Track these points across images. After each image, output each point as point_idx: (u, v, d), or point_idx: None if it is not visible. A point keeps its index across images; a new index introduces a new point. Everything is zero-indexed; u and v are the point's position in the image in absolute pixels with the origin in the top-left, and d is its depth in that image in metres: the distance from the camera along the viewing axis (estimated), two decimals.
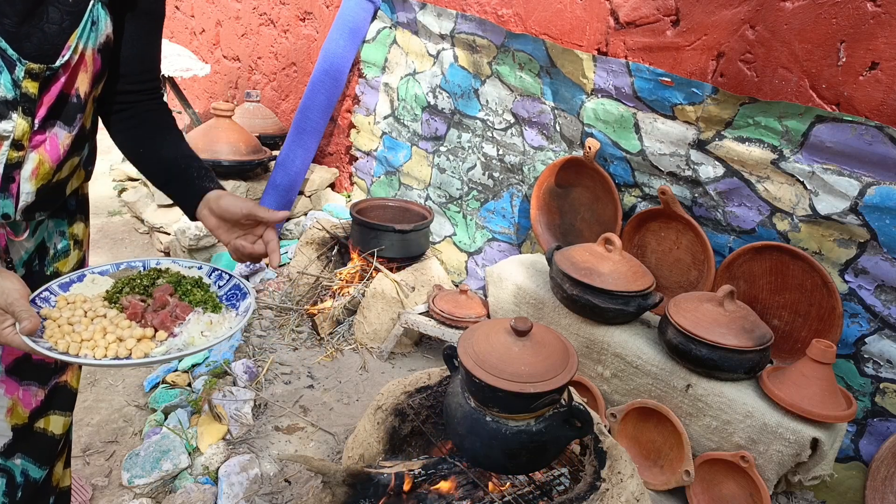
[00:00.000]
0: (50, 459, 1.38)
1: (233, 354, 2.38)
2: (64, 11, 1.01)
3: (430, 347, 2.74)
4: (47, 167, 1.10)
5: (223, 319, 1.10)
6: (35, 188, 1.10)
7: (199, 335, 1.05)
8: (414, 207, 3.02)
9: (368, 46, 3.36)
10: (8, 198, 1.07)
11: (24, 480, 1.34)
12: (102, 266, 1.17)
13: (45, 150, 1.09)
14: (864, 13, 1.75)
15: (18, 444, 1.30)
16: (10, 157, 1.04)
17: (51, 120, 1.08)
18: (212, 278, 1.20)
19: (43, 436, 1.33)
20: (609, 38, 2.33)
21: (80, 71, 1.08)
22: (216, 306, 1.13)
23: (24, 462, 1.32)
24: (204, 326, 1.07)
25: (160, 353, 1.00)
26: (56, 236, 1.27)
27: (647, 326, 2.18)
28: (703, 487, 1.93)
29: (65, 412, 1.36)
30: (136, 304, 1.06)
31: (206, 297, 1.13)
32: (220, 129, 3.36)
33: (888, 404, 1.90)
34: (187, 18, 4.84)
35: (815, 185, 1.91)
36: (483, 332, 1.44)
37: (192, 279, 1.17)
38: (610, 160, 2.41)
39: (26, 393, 1.27)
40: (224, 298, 1.16)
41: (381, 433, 1.64)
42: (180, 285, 1.14)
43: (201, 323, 1.07)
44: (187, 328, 1.06)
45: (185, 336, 1.05)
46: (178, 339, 1.04)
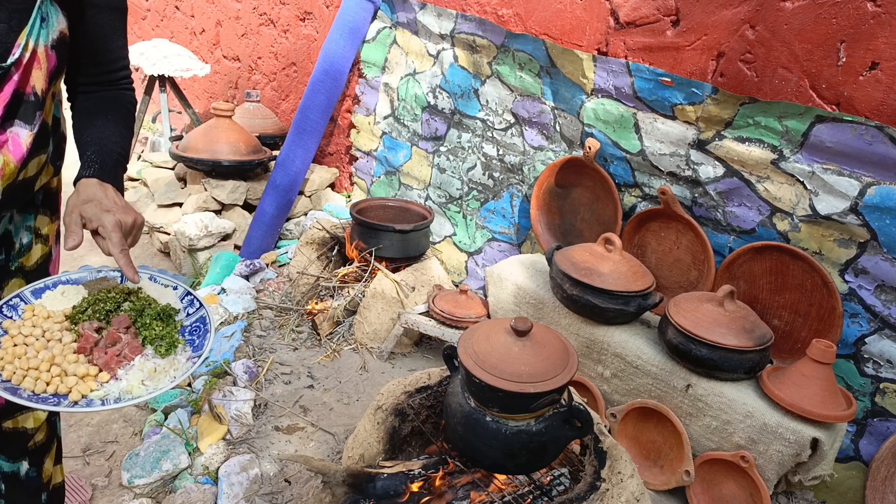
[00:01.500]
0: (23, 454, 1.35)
1: (233, 354, 2.38)
2: (10, 10, 0.99)
3: (430, 347, 2.74)
4: (12, 167, 1.09)
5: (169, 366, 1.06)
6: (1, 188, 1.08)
7: (138, 384, 1.03)
8: (414, 207, 3.02)
9: (368, 46, 3.36)
10: None
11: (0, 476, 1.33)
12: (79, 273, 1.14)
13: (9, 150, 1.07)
14: (864, 13, 1.75)
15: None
16: None
17: (9, 120, 1.06)
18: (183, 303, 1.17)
19: (14, 433, 1.32)
20: (609, 38, 2.33)
21: (33, 68, 1.06)
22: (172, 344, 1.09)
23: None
24: (146, 374, 1.04)
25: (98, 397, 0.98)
26: (23, 231, 1.25)
27: (647, 326, 2.18)
28: (703, 487, 1.93)
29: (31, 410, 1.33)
30: (89, 337, 1.04)
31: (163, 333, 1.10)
32: (220, 129, 3.36)
33: (888, 404, 1.90)
34: (187, 18, 4.84)
35: (815, 185, 1.91)
36: (483, 332, 1.44)
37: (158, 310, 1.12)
38: (610, 160, 2.41)
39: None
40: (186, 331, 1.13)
41: (381, 433, 1.64)
42: (142, 316, 1.11)
43: (145, 370, 1.05)
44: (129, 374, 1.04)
45: (125, 384, 1.02)
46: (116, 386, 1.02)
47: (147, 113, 4.45)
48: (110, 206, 1.07)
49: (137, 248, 3.55)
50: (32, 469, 1.38)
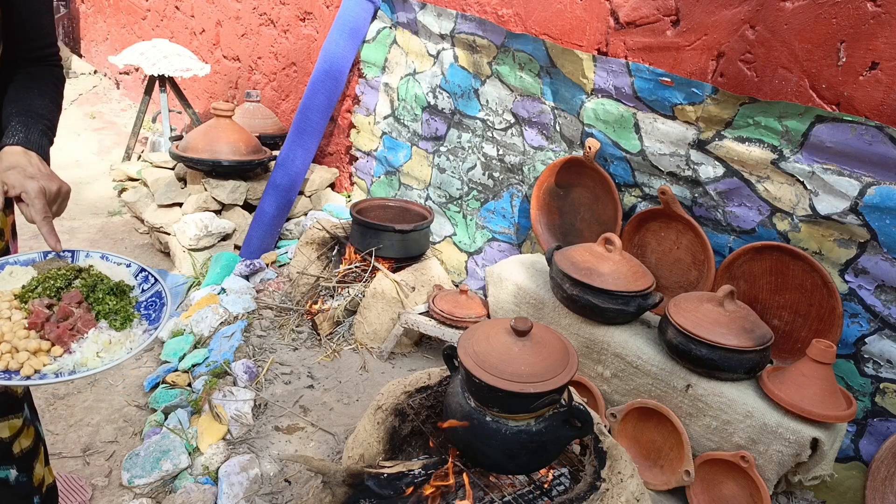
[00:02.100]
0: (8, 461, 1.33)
1: (233, 354, 2.38)
2: None
3: (430, 347, 2.74)
4: None
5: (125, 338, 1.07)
6: None
7: (93, 356, 1.02)
8: (414, 207, 3.02)
9: (368, 46, 3.36)
10: None
11: None
12: (31, 254, 1.14)
13: None
14: (864, 13, 1.75)
15: None
16: None
17: None
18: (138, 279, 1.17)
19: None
20: (609, 38, 2.33)
21: None
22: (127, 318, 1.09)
23: None
24: (101, 346, 1.04)
25: (51, 371, 0.98)
26: None
27: (647, 326, 2.18)
28: (703, 487, 1.93)
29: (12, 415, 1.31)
30: (40, 313, 1.03)
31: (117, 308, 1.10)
32: (220, 129, 3.36)
33: (888, 404, 1.90)
34: (187, 18, 4.84)
35: (815, 185, 1.91)
36: (483, 333, 1.44)
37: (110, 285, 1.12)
38: (610, 160, 2.42)
39: None
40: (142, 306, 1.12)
41: (381, 433, 1.64)
42: (94, 291, 1.10)
43: (99, 342, 1.04)
44: (83, 346, 1.03)
45: (79, 356, 1.02)
46: (71, 359, 1.02)
47: (147, 113, 4.45)
48: (34, 174, 1.05)
49: (137, 248, 3.55)
50: (22, 475, 1.37)
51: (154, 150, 4.42)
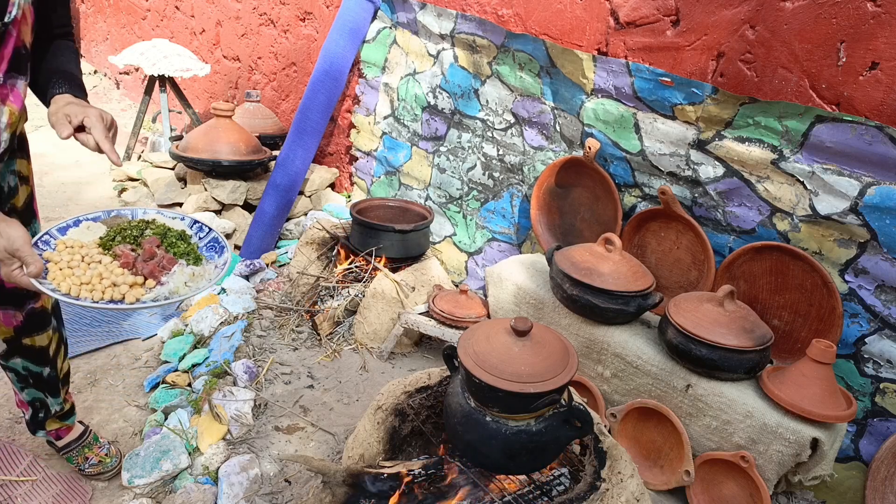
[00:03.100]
0: (45, 362, 1.71)
1: (233, 354, 2.38)
2: None
3: (430, 347, 2.74)
4: (16, 116, 1.28)
5: (203, 272, 1.25)
6: (10, 135, 1.29)
7: (182, 285, 1.20)
8: (414, 207, 3.02)
9: (368, 46, 3.36)
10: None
11: (28, 373, 1.70)
12: (95, 213, 1.32)
13: (11, 101, 1.25)
14: (864, 13, 1.75)
15: (13, 351, 1.64)
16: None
17: (11, 73, 1.24)
18: (193, 230, 1.35)
19: (32, 348, 1.66)
20: (609, 38, 2.33)
21: (23, 25, 1.23)
22: (197, 258, 1.27)
23: (23, 361, 1.67)
24: (187, 277, 1.22)
25: (150, 298, 1.16)
26: (8, 175, 1.41)
27: (647, 326, 2.18)
28: (703, 487, 1.93)
29: (45, 330, 1.67)
30: (128, 254, 1.21)
31: (188, 250, 1.28)
32: (221, 129, 3.36)
33: (888, 404, 1.90)
34: (187, 18, 4.84)
35: (815, 185, 1.91)
36: (483, 333, 1.44)
37: (177, 232, 1.31)
38: (610, 160, 2.42)
39: (6, 315, 1.56)
40: (204, 250, 1.31)
41: (381, 433, 1.64)
42: (166, 237, 1.28)
43: (185, 274, 1.22)
44: (173, 278, 1.21)
45: (171, 285, 1.20)
46: (165, 288, 1.19)
47: (147, 113, 4.45)
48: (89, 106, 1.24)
49: None
50: (52, 371, 1.77)
51: (154, 150, 4.42)
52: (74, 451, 1.93)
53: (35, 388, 1.76)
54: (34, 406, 1.82)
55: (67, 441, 1.94)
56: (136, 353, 2.60)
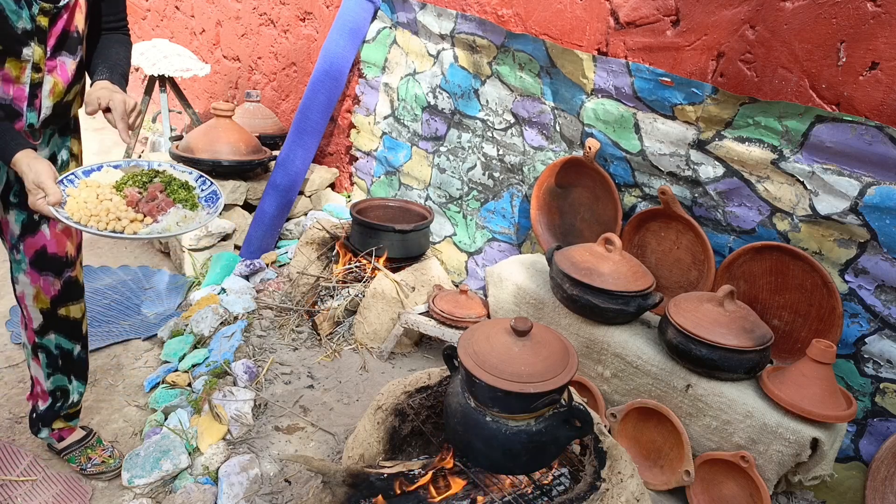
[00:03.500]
0: (78, 337, 1.88)
1: (233, 354, 2.38)
2: None
3: (430, 347, 2.74)
4: (60, 87, 1.51)
5: (195, 216, 1.47)
6: (52, 104, 1.51)
7: (174, 224, 1.43)
8: (414, 207, 3.02)
9: (368, 46, 3.36)
10: (33, 111, 1.49)
11: (59, 352, 1.84)
12: (118, 161, 1.54)
13: (58, 74, 1.49)
14: (864, 13, 1.75)
15: (49, 325, 1.79)
16: (33, 78, 1.45)
17: (59, 50, 1.46)
18: (197, 182, 1.56)
19: (67, 319, 1.82)
20: (609, 38, 2.33)
21: (76, 11, 1.46)
22: (194, 205, 1.49)
23: (57, 338, 1.82)
24: (180, 219, 1.44)
25: (144, 232, 1.39)
26: (63, 150, 1.68)
27: (647, 326, 2.18)
28: (703, 487, 1.93)
29: (79, 301, 1.84)
30: (134, 195, 1.43)
31: (187, 197, 1.49)
32: (220, 129, 3.35)
33: (888, 404, 1.90)
34: (187, 18, 4.84)
35: (815, 185, 1.91)
36: (483, 333, 1.44)
37: (181, 182, 1.52)
38: (610, 160, 2.42)
39: (46, 282, 1.74)
40: (203, 199, 1.52)
41: (381, 433, 1.64)
42: (170, 185, 1.50)
43: (178, 215, 1.45)
44: (167, 218, 1.43)
45: (164, 224, 1.42)
46: (159, 225, 1.42)
47: (147, 113, 4.45)
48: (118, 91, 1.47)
49: (138, 248, 3.55)
50: (82, 352, 1.91)
51: (154, 150, 4.41)
52: (77, 451, 1.98)
53: (62, 372, 1.87)
54: (54, 396, 1.90)
55: (69, 443, 1.99)
56: (136, 353, 2.60)
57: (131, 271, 3.23)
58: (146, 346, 2.65)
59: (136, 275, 3.19)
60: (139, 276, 3.18)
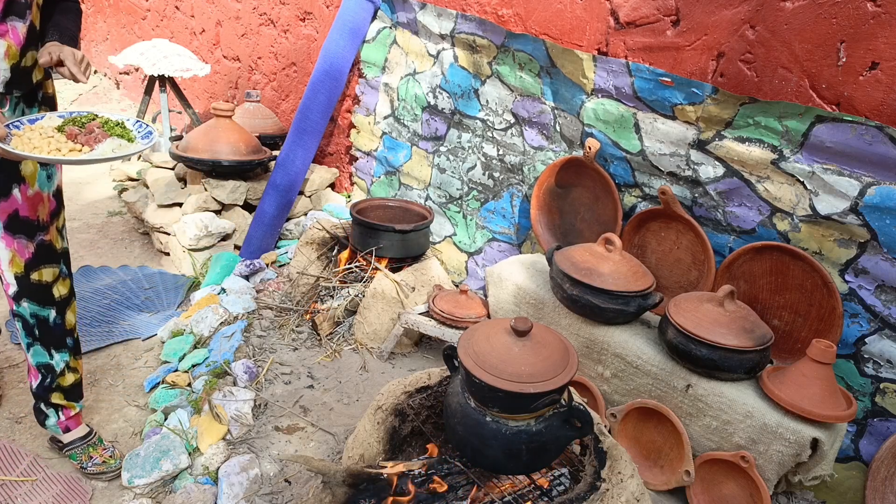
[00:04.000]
0: (50, 302, 1.89)
1: (233, 354, 2.38)
2: None
3: (430, 347, 2.74)
4: (14, 50, 1.61)
5: (130, 145, 1.65)
6: (9, 66, 1.61)
7: (110, 151, 1.60)
8: (414, 207, 3.02)
9: (368, 46, 3.36)
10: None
11: (35, 321, 1.88)
12: (61, 112, 1.71)
13: (10, 37, 1.59)
14: (864, 13, 1.75)
15: (22, 291, 1.83)
16: None
17: (7, 14, 1.56)
18: (134, 126, 1.74)
19: (39, 284, 1.85)
20: (609, 38, 2.33)
21: None
22: (130, 139, 1.67)
23: (29, 305, 1.85)
24: (115, 146, 1.63)
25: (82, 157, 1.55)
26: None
27: (647, 326, 2.18)
28: (703, 487, 1.93)
29: (52, 265, 1.87)
30: (74, 131, 1.62)
31: (123, 133, 1.68)
32: (220, 129, 3.35)
33: (888, 404, 1.90)
34: (187, 18, 4.84)
35: (815, 185, 1.91)
36: (483, 333, 1.44)
37: (116, 122, 1.71)
38: (610, 160, 2.42)
39: (20, 245, 1.79)
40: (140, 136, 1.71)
41: (382, 433, 1.64)
42: (107, 124, 1.69)
43: (113, 143, 1.63)
44: (102, 146, 1.61)
45: (99, 152, 1.59)
46: (95, 152, 1.59)
47: (147, 113, 4.45)
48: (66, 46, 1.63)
49: (137, 248, 3.55)
50: (58, 317, 1.92)
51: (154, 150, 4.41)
52: (79, 448, 2.00)
53: (41, 343, 1.90)
54: (41, 371, 1.94)
55: (73, 438, 2.01)
56: (136, 353, 2.60)
57: (131, 271, 3.23)
58: (146, 346, 2.65)
59: (136, 275, 3.19)
60: (139, 276, 3.18)
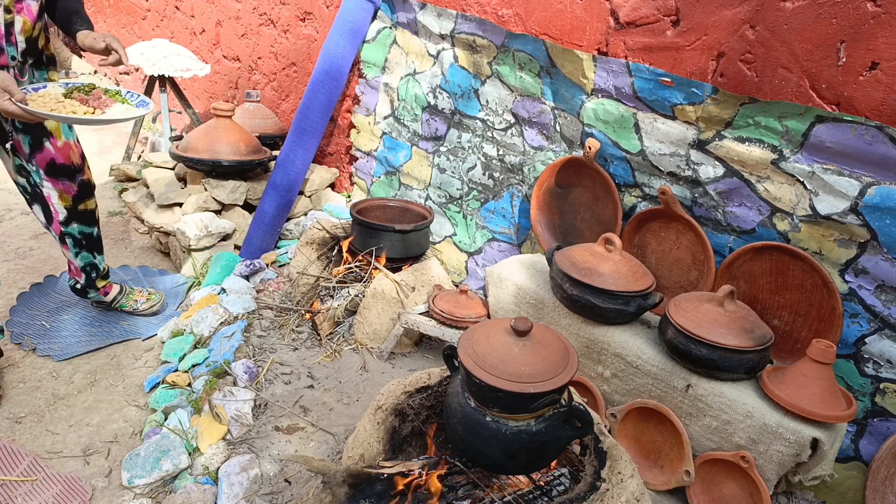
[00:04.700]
0: (95, 223, 2.47)
1: (233, 354, 2.38)
2: None
3: (430, 347, 2.74)
4: (28, 25, 1.93)
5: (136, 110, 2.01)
6: (24, 38, 1.93)
7: (120, 114, 1.94)
8: (414, 207, 3.02)
9: (368, 46, 3.36)
10: (11, 45, 1.91)
11: (82, 236, 2.42)
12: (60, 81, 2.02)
13: (25, 14, 1.90)
14: (864, 13, 1.75)
15: (71, 218, 2.36)
16: (6, 19, 1.87)
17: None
18: (126, 96, 2.07)
19: (85, 211, 2.39)
20: (609, 38, 2.33)
21: None
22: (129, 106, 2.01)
23: (79, 226, 2.39)
24: (122, 111, 1.97)
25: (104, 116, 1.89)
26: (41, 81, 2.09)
27: (647, 326, 2.18)
28: (703, 487, 1.93)
29: (92, 196, 2.41)
30: (82, 97, 1.93)
31: (122, 101, 2.02)
32: (221, 129, 3.35)
33: (888, 404, 1.90)
34: (187, 18, 4.84)
35: (815, 185, 1.91)
36: (483, 333, 1.44)
37: (116, 91, 2.04)
38: (610, 160, 2.42)
39: (64, 185, 2.27)
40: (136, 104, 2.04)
41: (382, 433, 1.64)
42: (107, 92, 2.01)
43: (122, 108, 1.99)
44: (113, 109, 1.96)
45: (111, 114, 1.93)
46: (111, 113, 1.93)
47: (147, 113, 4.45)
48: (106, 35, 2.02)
49: (137, 248, 3.55)
50: (98, 231, 2.50)
51: (154, 150, 4.41)
52: (122, 299, 2.69)
53: (87, 250, 2.45)
54: (86, 270, 2.51)
55: (113, 296, 2.66)
56: (136, 353, 2.60)
57: (131, 271, 3.22)
58: (146, 346, 2.65)
59: (136, 275, 3.19)
60: (139, 276, 3.18)
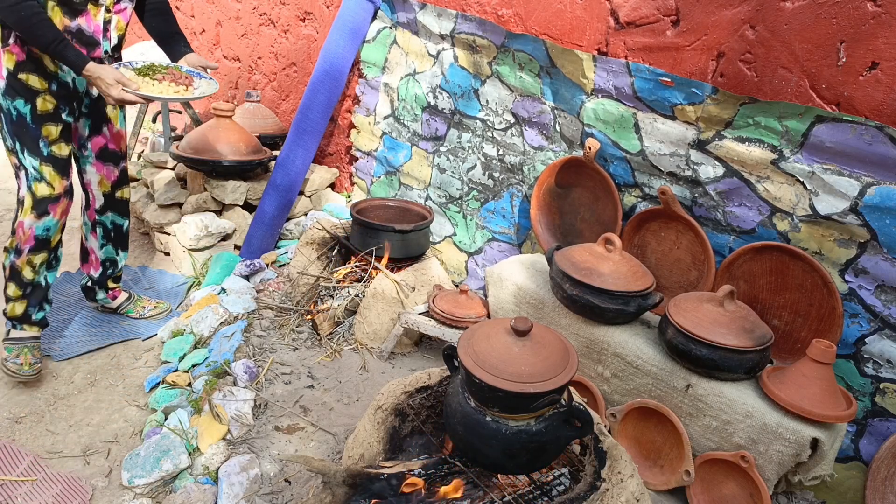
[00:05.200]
0: (128, 214, 2.59)
1: (233, 354, 2.38)
2: None
3: (430, 347, 2.74)
4: (122, 25, 2.20)
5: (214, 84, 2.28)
6: (118, 35, 2.21)
7: (206, 89, 2.24)
8: (414, 207, 3.02)
9: (368, 46, 3.36)
10: (107, 41, 2.17)
11: (113, 226, 2.55)
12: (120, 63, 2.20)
13: (121, 15, 2.17)
14: (864, 13, 1.75)
15: (107, 206, 2.50)
16: (105, 18, 2.12)
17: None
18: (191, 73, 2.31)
19: (122, 199, 2.54)
20: (609, 38, 2.33)
21: None
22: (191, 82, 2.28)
23: (112, 216, 2.53)
24: (207, 85, 2.27)
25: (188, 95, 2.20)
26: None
27: (647, 326, 2.18)
28: (703, 487, 1.93)
29: (128, 185, 2.55)
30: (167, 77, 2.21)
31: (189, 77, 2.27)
32: (221, 129, 3.35)
33: (888, 404, 1.90)
34: (187, 18, 4.84)
35: (815, 185, 1.91)
36: (483, 333, 1.44)
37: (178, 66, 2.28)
38: (610, 160, 2.42)
39: (108, 170, 2.44)
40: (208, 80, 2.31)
41: (382, 433, 1.64)
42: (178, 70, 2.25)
43: (206, 84, 2.28)
44: (200, 86, 2.26)
45: (202, 89, 2.24)
46: (198, 91, 2.24)
47: (147, 113, 4.45)
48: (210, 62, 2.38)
49: (137, 248, 3.55)
50: (128, 225, 2.62)
51: (154, 150, 4.41)
52: (129, 305, 2.74)
53: (112, 244, 2.56)
54: (104, 265, 2.60)
55: (119, 302, 2.71)
56: (136, 353, 2.60)
57: (131, 271, 3.22)
58: (146, 346, 2.65)
59: (137, 275, 3.19)
60: (139, 276, 3.18)
